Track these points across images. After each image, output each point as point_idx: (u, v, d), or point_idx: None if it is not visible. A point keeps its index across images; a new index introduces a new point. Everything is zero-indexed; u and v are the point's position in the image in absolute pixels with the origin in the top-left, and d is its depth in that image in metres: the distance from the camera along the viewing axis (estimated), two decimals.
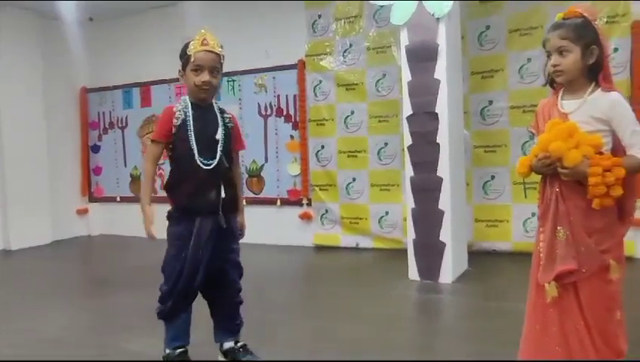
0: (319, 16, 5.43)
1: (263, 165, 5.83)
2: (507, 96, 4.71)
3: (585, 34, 1.92)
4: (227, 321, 2.58)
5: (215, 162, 2.40)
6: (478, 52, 4.81)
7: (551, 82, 2.06)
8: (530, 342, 2.06)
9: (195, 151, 2.37)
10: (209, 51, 2.37)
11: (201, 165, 2.37)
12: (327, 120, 5.40)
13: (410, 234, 4.05)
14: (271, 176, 5.78)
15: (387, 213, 5.18)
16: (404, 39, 3.95)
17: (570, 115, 1.96)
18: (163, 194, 2.49)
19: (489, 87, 4.78)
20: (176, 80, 2.57)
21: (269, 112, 5.75)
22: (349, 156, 5.34)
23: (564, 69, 1.95)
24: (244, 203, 2.73)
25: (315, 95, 5.45)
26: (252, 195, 5.78)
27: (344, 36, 5.31)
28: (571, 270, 1.92)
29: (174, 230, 2.45)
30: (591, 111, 1.92)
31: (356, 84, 5.26)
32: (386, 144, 5.15)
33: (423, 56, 3.86)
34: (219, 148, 2.42)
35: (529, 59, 4.58)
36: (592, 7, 2.00)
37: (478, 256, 4.55)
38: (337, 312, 3.42)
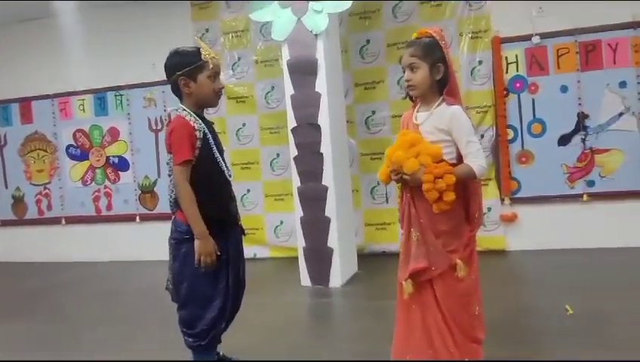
0: (207, 30, 5.44)
1: (156, 180, 5.74)
2: (389, 105, 5.00)
3: (432, 52, 2.12)
4: (224, 329, 2.54)
5: (231, 172, 2.42)
6: (361, 65, 5.06)
7: (410, 96, 2.26)
8: (399, 336, 2.24)
9: (223, 165, 2.35)
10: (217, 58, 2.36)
11: (228, 177, 2.37)
12: (219, 133, 5.39)
13: (301, 242, 4.19)
14: (164, 192, 5.56)
15: (282, 222, 5.29)
16: (286, 54, 4.09)
17: (421, 125, 2.16)
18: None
19: (372, 98, 5.04)
20: (61, 95, 2.47)
21: (159, 127, 5.66)
22: (242, 168, 5.38)
23: (414, 84, 2.15)
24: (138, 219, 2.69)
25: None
26: (146, 211, 5.66)
27: (232, 50, 5.37)
28: (423, 268, 2.09)
29: None
30: (435, 122, 2.13)
31: (246, 97, 5.34)
32: (277, 155, 5.26)
33: (303, 71, 4.02)
34: (224, 158, 2.40)
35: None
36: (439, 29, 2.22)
37: (369, 259, 4.77)
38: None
